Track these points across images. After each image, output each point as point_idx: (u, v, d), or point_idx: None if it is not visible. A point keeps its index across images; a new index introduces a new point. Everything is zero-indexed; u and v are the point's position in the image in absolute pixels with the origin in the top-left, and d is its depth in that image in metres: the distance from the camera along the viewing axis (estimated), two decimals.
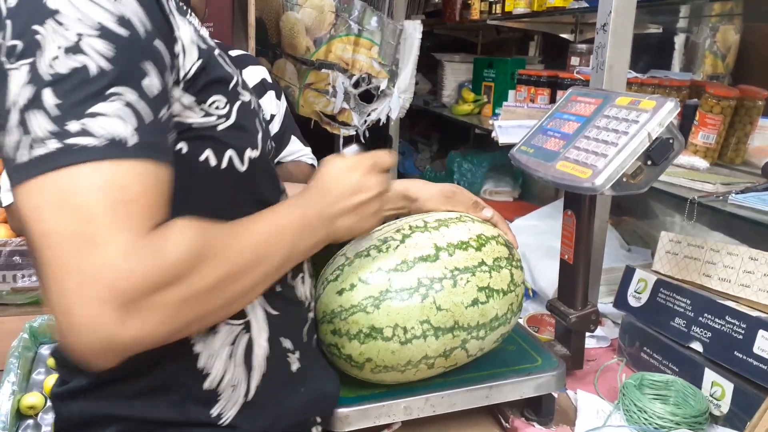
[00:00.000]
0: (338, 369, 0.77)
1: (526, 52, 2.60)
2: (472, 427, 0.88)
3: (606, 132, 0.87)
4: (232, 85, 0.61)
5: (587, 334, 1.02)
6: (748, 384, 0.84)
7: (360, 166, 0.71)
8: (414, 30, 2.18)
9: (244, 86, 0.64)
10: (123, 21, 0.49)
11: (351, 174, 0.70)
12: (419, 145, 3.04)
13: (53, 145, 0.45)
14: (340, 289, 0.74)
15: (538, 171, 0.92)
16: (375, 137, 2.43)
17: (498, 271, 0.78)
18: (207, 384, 0.61)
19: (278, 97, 1.50)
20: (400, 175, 2.76)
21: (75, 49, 0.47)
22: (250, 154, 0.62)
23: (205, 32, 0.65)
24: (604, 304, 1.22)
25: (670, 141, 0.83)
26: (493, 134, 1.68)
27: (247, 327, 0.63)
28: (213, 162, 0.58)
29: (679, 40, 1.70)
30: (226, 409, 0.62)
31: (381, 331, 0.71)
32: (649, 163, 0.83)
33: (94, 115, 0.46)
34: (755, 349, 0.83)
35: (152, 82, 0.50)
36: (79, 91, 0.46)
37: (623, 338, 1.08)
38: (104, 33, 0.48)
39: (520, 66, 2.13)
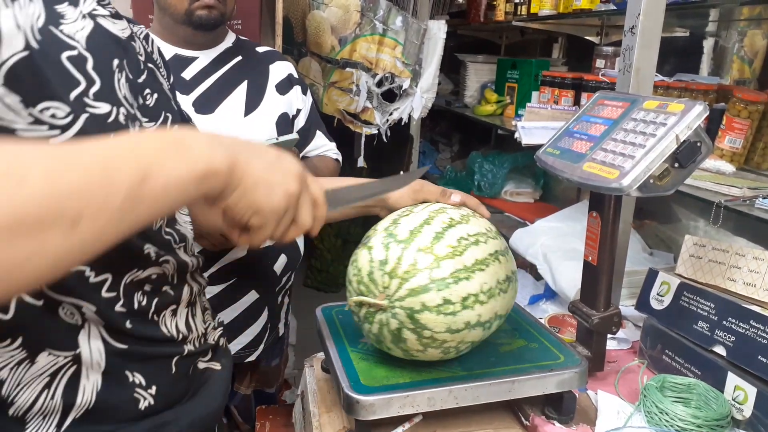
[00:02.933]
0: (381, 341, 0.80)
1: (550, 54, 2.59)
2: (493, 425, 0.89)
3: (633, 134, 0.87)
4: (77, 92, 0.53)
5: (609, 335, 1.02)
6: None
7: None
8: (438, 30, 2.19)
9: (105, 95, 0.55)
10: None
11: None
12: (440, 145, 3.05)
13: None
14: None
15: (564, 172, 0.92)
16: (396, 136, 2.45)
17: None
18: (11, 411, 0.55)
19: (304, 93, 1.52)
20: None
21: None
22: None
23: (83, 25, 0.56)
24: (626, 306, 1.22)
25: (698, 144, 0.84)
26: (517, 135, 1.69)
27: (76, 360, 0.57)
28: None
29: (707, 44, 1.69)
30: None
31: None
32: (676, 165, 0.84)
33: None
34: None
35: None
36: None
37: (645, 341, 1.08)
38: None
39: (545, 67, 2.13)
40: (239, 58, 1.41)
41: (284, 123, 1.44)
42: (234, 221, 0.56)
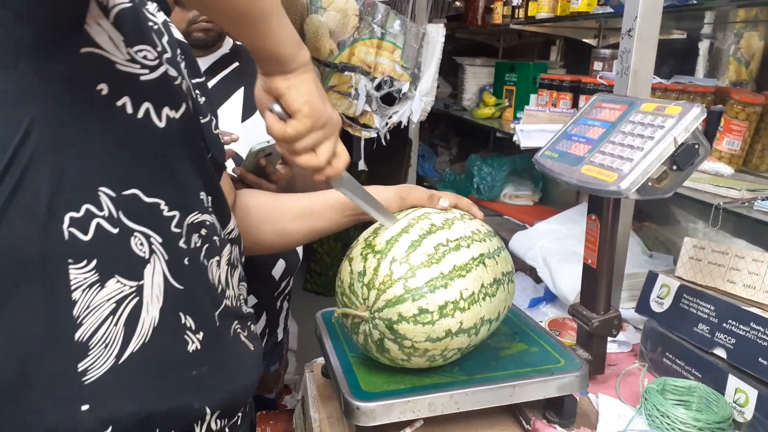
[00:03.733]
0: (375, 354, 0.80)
1: (548, 57, 2.60)
2: (494, 429, 0.89)
3: (632, 137, 0.87)
4: (157, 51, 0.61)
5: (609, 338, 1.02)
6: None
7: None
8: (437, 33, 2.20)
9: (173, 65, 0.63)
10: None
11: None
12: (439, 148, 3.05)
13: None
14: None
15: (562, 175, 0.92)
16: (395, 140, 2.45)
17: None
18: (78, 335, 0.57)
19: None
20: (419, 178, 2.77)
21: None
22: (168, 112, 0.61)
23: (162, 18, 0.65)
24: (626, 309, 1.21)
25: (696, 146, 0.84)
26: (515, 138, 1.69)
27: (139, 292, 0.59)
28: (129, 110, 0.58)
29: (703, 46, 1.69)
30: (94, 367, 0.58)
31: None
32: (674, 168, 0.84)
33: None
34: None
35: None
36: None
37: (645, 343, 1.08)
38: None
39: (542, 70, 2.14)
40: (236, 64, 1.41)
41: None
42: (288, 107, 0.66)
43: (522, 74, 2.22)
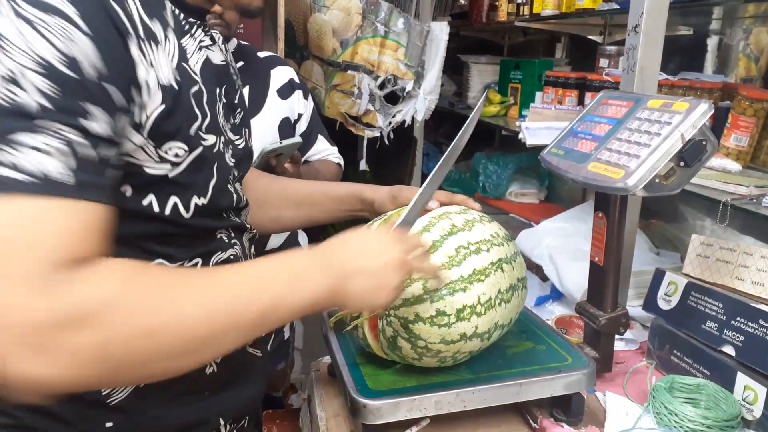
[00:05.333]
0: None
1: (553, 54, 2.59)
2: (501, 428, 0.88)
3: (638, 134, 0.87)
4: (197, 126, 0.60)
5: (616, 336, 1.01)
6: None
7: (398, 237, 0.65)
8: (440, 31, 2.19)
9: (214, 128, 0.63)
10: (71, 62, 0.48)
11: (382, 234, 0.64)
12: (443, 146, 3.04)
13: None
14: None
15: (569, 172, 0.92)
16: (400, 138, 2.45)
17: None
18: None
19: (305, 97, 1.52)
20: (424, 176, 2.77)
21: (13, 81, 0.46)
22: (198, 201, 0.62)
23: (198, 58, 0.63)
24: (633, 307, 1.21)
25: (703, 143, 0.83)
26: (521, 136, 1.68)
27: None
28: (156, 208, 0.59)
29: (711, 42, 1.68)
30: (115, 391, 0.62)
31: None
32: (681, 164, 0.83)
33: (26, 147, 0.45)
34: None
35: (96, 125, 0.49)
36: (13, 122, 0.45)
37: (653, 341, 1.07)
38: (49, 71, 0.47)
39: (548, 68, 2.13)
40: (241, 63, 1.41)
41: (286, 127, 1.44)
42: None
43: (527, 72, 2.21)
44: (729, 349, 0.92)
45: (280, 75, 1.47)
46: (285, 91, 1.46)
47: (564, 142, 0.99)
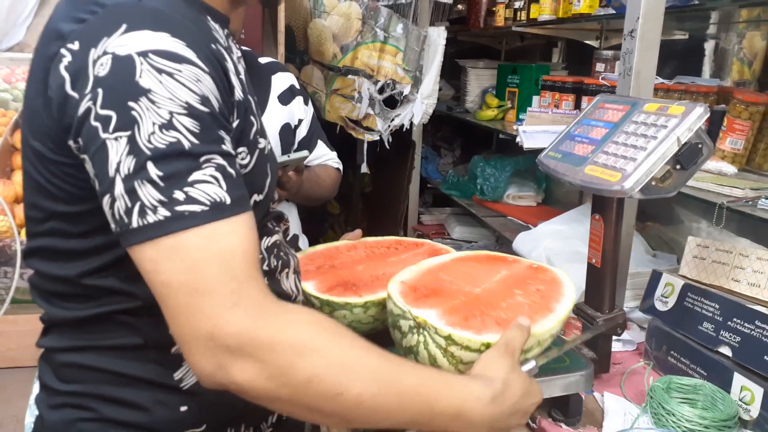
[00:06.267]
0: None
1: (550, 59, 2.60)
2: None
3: (635, 137, 0.88)
4: (253, 132, 0.66)
5: (614, 337, 1.02)
6: None
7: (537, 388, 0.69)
8: (438, 36, 2.21)
9: (261, 132, 0.69)
10: (204, 99, 0.55)
11: (519, 374, 0.67)
12: (442, 150, 3.06)
13: (163, 213, 0.52)
14: None
15: (566, 175, 0.93)
16: (398, 142, 2.46)
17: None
18: (174, 348, 0.64)
19: (306, 103, 1.53)
20: (423, 180, 2.78)
21: (169, 126, 0.53)
22: (257, 198, 0.67)
23: (241, 68, 0.69)
24: (630, 308, 1.22)
25: (699, 146, 0.84)
26: (518, 139, 1.70)
27: None
28: None
29: (708, 46, 1.70)
30: (188, 375, 0.65)
31: None
32: (678, 167, 0.84)
33: (194, 183, 0.53)
34: None
35: (228, 145, 0.57)
36: (177, 163, 0.53)
37: (650, 342, 1.08)
38: (191, 111, 0.54)
39: (545, 72, 2.14)
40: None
41: (286, 133, 1.45)
42: None
43: (524, 76, 2.23)
44: (726, 350, 0.93)
45: (281, 81, 1.48)
46: (285, 97, 1.47)
47: (561, 146, 1.01)
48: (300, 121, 1.50)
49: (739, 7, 1.44)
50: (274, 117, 1.43)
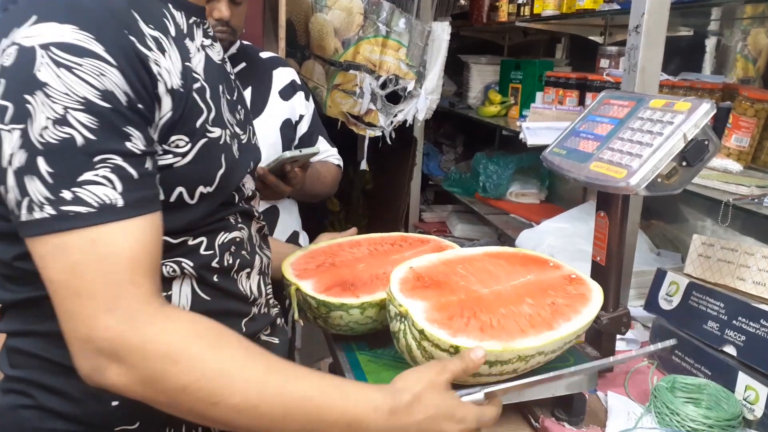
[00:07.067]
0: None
1: (553, 55, 2.59)
2: (503, 427, 0.88)
3: (640, 133, 0.87)
4: (201, 120, 0.63)
5: (618, 336, 1.01)
6: None
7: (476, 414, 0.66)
8: (442, 32, 2.19)
9: (218, 121, 0.66)
10: (106, 94, 0.54)
11: (441, 394, 0.64)
12: (444, 146, 3.04)
13: (49, 211, 0.52)
14: None
15: (571, 172, 0.92)
16: (400, 138, 2.45)
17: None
18: None
19: (307, 98, 1.52)
20: (424, 176, 2.77)
21: (62, 122, 0.52)
22: (203, 190, 0.65)
23: (199, 58, 0.66)
24: (634, 307, 1.21)
25: (706, 142, 0.83)
26: (522, 136, 1.69)
27: (168, 299, 0.65)
28: (161, 197, 0.62)
29: (710, 43, 1.68)
30: None
31: None
32: (684, 164, 0.83)
33: (84, 183, 0.52)
34: None
35: (135, 143, 0.56)
36: (69, 161, 0.52)
37: (654, 341, 1.07)
38: (89, 107, 0.53)
39: (548, 68, 2.13)
40: (243, 64, 1.41)
41: (288, 129, 1.44)
42: None
43: (528, 72, 2.21)
44: (730, 349, 0.92)
45: (282, 76, 1.47)
46: (287, 93, 1.46)
47: (566, 142, 1.00)
48: (301, 116, 1.49)
49: (743, 3, 1.42)
50: (275, 112, 1.42)
